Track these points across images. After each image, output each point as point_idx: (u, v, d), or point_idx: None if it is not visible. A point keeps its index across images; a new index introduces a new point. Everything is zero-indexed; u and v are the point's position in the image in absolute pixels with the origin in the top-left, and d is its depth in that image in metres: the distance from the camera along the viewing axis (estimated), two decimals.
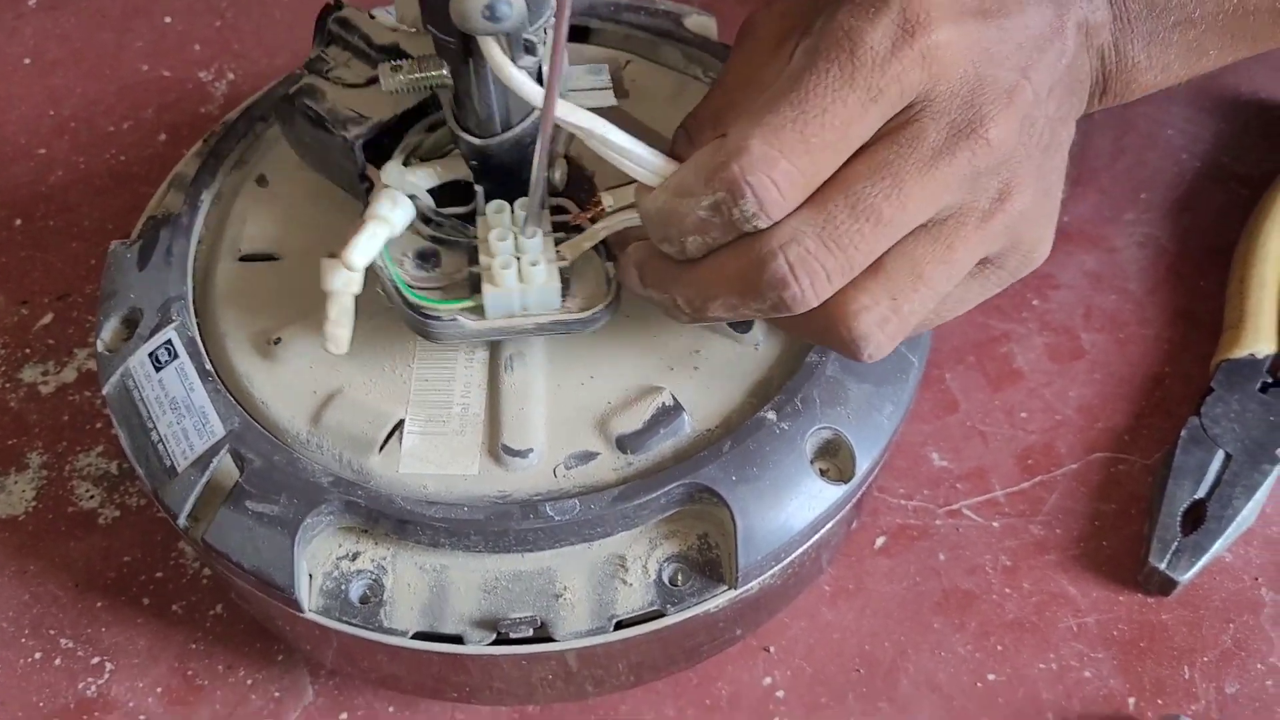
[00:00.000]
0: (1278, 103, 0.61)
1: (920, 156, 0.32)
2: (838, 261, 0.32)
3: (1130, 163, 0.59)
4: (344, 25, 0.41)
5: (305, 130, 0.40)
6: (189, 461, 0.37)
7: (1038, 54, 0.33)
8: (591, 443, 0.38)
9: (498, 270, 0.36)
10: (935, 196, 0.32)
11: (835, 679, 0.44)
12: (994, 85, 0.32)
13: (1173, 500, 0.46)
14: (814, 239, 0.32)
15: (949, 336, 0.52)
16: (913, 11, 0.31)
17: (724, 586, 0.36)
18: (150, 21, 0.67)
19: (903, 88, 0.31)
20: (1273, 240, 0.53)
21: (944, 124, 0.32)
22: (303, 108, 0.39)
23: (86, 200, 0.59)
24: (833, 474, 0.38)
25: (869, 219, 0.32)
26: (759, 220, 0.31)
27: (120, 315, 0.41)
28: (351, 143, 0.38)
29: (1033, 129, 0.33)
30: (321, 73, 0.40)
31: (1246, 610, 0.45)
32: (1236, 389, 0.49)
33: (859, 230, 0.32)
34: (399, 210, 0.36)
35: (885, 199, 0.31)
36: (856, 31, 0.31)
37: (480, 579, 0.36)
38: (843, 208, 0.32)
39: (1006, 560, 0.46)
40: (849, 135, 0.31)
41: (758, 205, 0.31)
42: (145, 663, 0.45)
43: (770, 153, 0.31)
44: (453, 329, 0.36)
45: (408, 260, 0.38)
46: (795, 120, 0.31)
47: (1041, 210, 0.35)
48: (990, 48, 0.32)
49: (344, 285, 0.35)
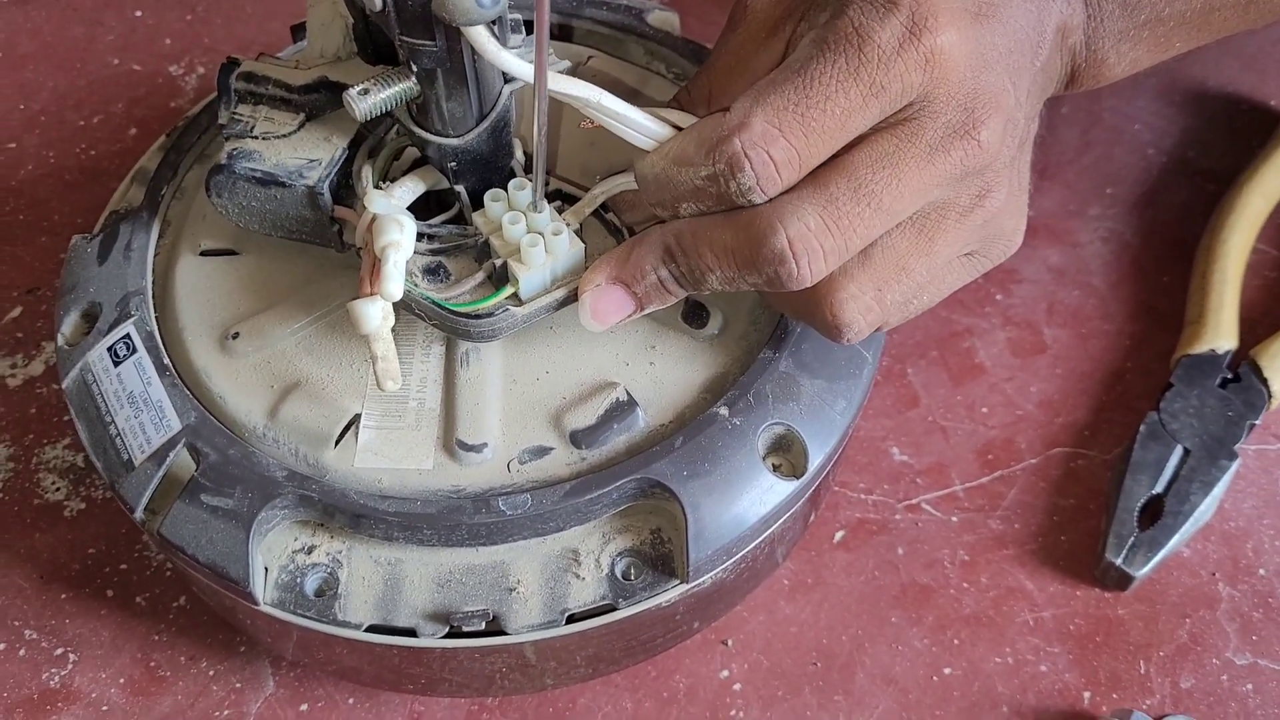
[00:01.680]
0: (1244, 98, 0.61)
1: (919, 151, 0.33)
2: (835, 243, 0.33)
3: (1096, 157, 0.59)
4: (251, 79, 0.39)
5: (253, 194, 0.38)
6: (146, 455, 0.38)
7: (1021, 57, 0.34)
8: (546, 438, 0.38)
9: (526, 249, 0.36)
10: (926, 191, 0.34)
11: (792, 672, 0.44)
12: (987, 89, 0.33)
13: (1130, 495, 0.46)
14: (816, 217, 0.33)
15: (912, 331, 0.53)
16: (920, 14, 0.32)
17: (676, 580, 0.37)
18: (121, 15, 0.67)
19: (904, 86, 0.32)
20: (1235, 236, 0.53)
21: (941, 124, 0.33)
22: (245, 172, 0.37)
23: (56, 194, 0.59)
24: (785, 469, 0.38)
25: (869, 204, 0.33)
26: (754, 195, 0.33)
27: (80, 310, 0.41)
28: (316, 189, 0.37)
29: (1014, 130, 0.35)
30: (245, 134, 0.38)
31: (1203, 605, 0.45)
32: (1196, 384, 0.49)
33: (859, 214, 0.33)
34: (405, 232, 0.36)
35: (885, 187, 0.33)
36: (865, 28, 0.32)
37: (434, 572, 0.37)
38: (845, 190, 0.33)
39: (965, 555, 0.47)
40: (848, 125, 0.32)
41: (754, 179, 0.32)
42: (108, 654, 0.45)
43: (771, 130, 0.32)
44: (505, 320, 0.36)
45: (420, 279, 0.38)
46: (798, 104, 0.32)
47: (1015, 203, 0.36)
48: (986, 52, 0.33)
49: (382, 321, 0.35)
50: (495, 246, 0.37)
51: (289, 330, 0.40)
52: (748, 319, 0.41)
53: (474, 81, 0.35)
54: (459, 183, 0.38)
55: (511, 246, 0.37)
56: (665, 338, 0.40)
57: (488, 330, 0.37)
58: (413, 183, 0.38)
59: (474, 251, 0.38)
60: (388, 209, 0.36)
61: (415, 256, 0.38)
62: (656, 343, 0.40)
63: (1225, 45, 0.63)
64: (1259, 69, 0.62)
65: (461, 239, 0.38)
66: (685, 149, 0.34)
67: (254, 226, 0.39)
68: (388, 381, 0.36)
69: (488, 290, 0.37)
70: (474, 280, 0.37)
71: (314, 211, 0.38)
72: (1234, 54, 0.63)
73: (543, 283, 0.37)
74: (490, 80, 0.36)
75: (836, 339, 0.36)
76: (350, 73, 0.38)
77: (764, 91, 0.33)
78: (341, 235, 0.39)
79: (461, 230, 0.38)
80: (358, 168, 0.38)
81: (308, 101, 0.38)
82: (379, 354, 0.35)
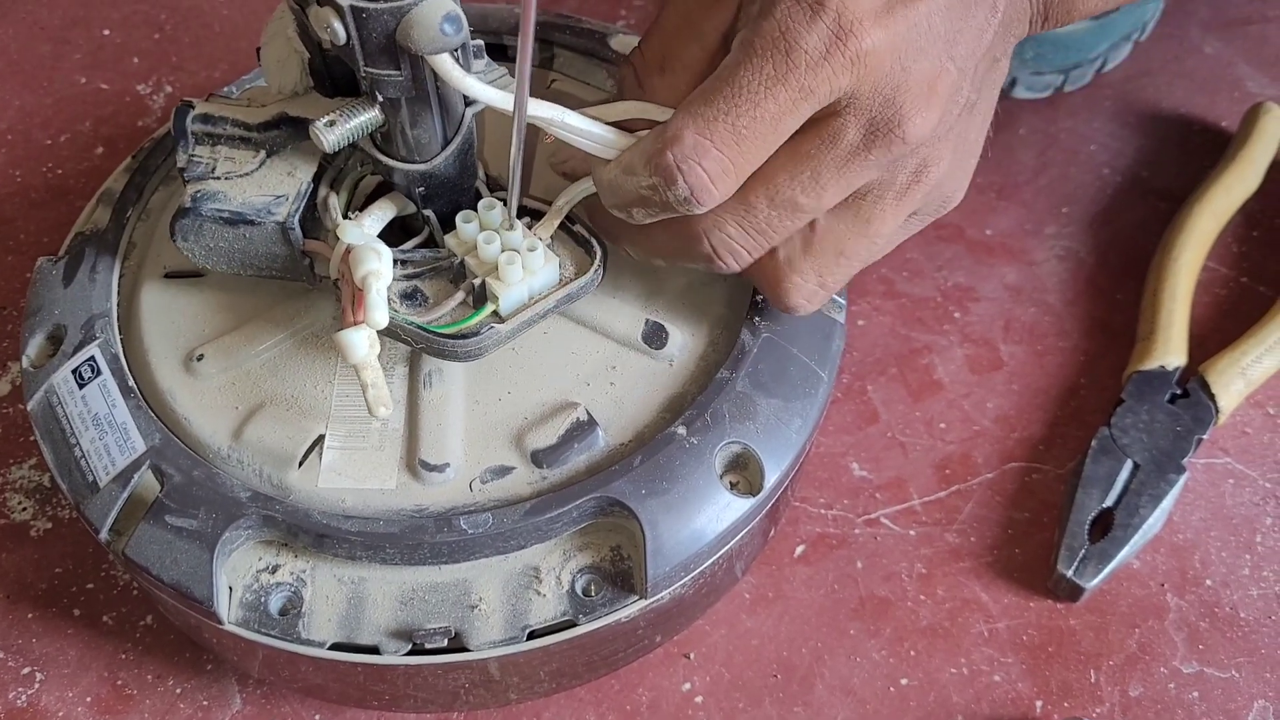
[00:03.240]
0: (1196, 119, 0.63)
1: (839, 152, 0.34)
2: (756, 243, 0.36)
3: (1053, 177, 0.60)
4: (207, 121, 0.39)
5: (220, 235, 0.38)
6: (111, 477, 0.38)
7: (964, 24, 0.34)
8: (507, 457, 0.39)
9: (504, 267, 0.37)
10: (850, 184, 0.35)
11: (753, 684, 0.45)
12: (917, 79, 0.33)
13: (1081, 509, 0.47)
14: (734, 226, 0.36)
15: (872, 349, 0.54)
16: (846, 18, 0.32)
17: (635, 596, 0.38)
18: (88, 33, 0.67)
19: (831, 88, 0.33)
20: (1186, 254, 0.54)
21: (864, 120, 0.33)
22: (212, 213, 0.37)
23: (22, 214, 0.59)
24: (742, 487, 0.39)
25: (786, 208, 0.35)
26: (692, 205, 0.34)
27: (45, 332, 0.41)
28: (287, 224, 0.37)
29: (954, 103, 0.35)
30: (206, 175, 0.38)
31: (1152, 615, 0.46)
32: (1146, 400, 0.50)
33: (776, 217, 0.35)
34: (384, 260, 0.36)
35: (802, 191, 0.34)
36: (792, 34, 0.32)
37: (397, 591, 0.37)
38: (762, 199, 0.35)
39: (922, 568, 0.48)
40: (779, 129, 0.33)
41: (689, 190, 0.33)
42: (75, 672, 0.45)
43: (702, 142, 0.33)
44: (491, 337, 0.37)
45: (398, 305, 0.38)
46: (728, 113, 0.33)
47: (960, 168, 0.37)
48: (917, 39, 0.33)
49: (370, 349, 0.35)
50: (471, 266, 0.38)
51: (253, 352, 0.40)
52: (707, 340, 0.41)
53: (438, 107, 0.36)
54: (427, 207, 0.39)
55: (488, 265, 0.37)
56: (626, 358, 0.41)
57: (474, 349, 0.37)
58: (381, 210, 0.39)
59: (449, 274, 0.39)
60: (362, 238, 0.37)
61: (391, 283, 0.38)
62: (617, 363, 0.41)
63: (1178, 68, 0.65)
64: (1210, 92, 0.64)
65: (435, 262, 0.39)
66: (632, 161, 0.35)
67: (221, 267, 0.39)
68: (380, 408, 0.36)
69: (468, 310, 0.38)
70: (453, 301, 0.38)
71: (285, 247, 0.38)
72: (1187, 77, 0.65)
73: (522, 298, 0.38)
74: (454, 104, 0.36)
75: (789, 314, 0.39)
76: (309, 107, 0.38)
77: (695, 103, 0.33)
78: (313, 268, 0.39)
79: (434, 254, 0.39)
80: (322, 199, 0.39)
81: (268, 138, 0.38)
82: (369, 381, 0.36)
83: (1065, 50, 0.60)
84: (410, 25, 0.32)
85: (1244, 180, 0.57)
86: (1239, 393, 0.50)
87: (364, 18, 0.32)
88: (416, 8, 0.32)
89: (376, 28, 0.32)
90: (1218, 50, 0.66)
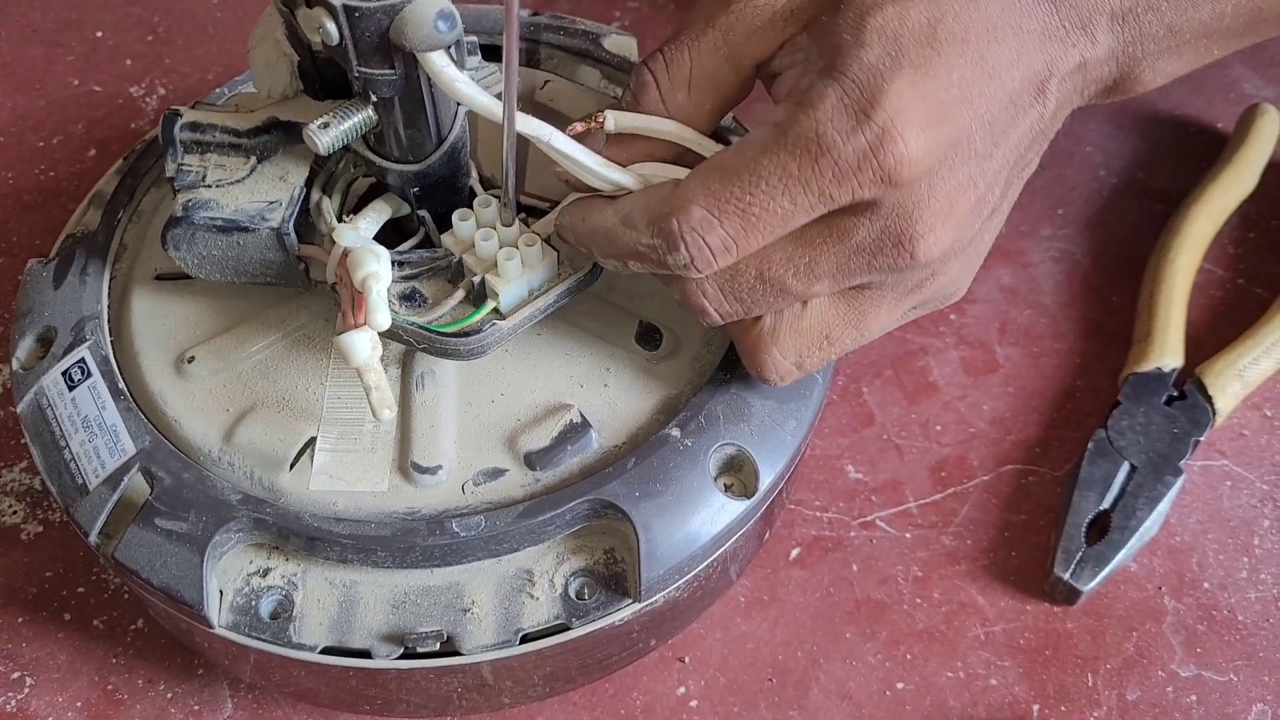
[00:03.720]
0: (1192, 121, 0.62)
1: (843, 250, 0.33)
2: (731, 309, 0.35)
3: (1049, 179, 0.60)
4: (196, 129, 0.38)
5: (213, 243, 0.38)
6: (100, 479, 0.38)
7: (1005, 135, 0.32)
8: (500, 460, 0.38)
9: (503, 264, 0.37)
10: (847, 282, 0.34)
11: (748, 688, 0.44)
12: (941, 197, 0.32)
13: (1078, 511, 0.47)
14: (714, 286, 0.35)
15: (868, 351, 0.53)
16: (892, 128, 0.30)
17: (629, 600, 0.37)
18: (81, 35, 0.67)
19: (854, 197, 0.31)
20: (1182, 256, 0.54)
21: (877, 228, 0.32)
22: (205, 222, 0.37)
23: (14, 216, 0.59)
24: (736, 489, 0.39)
25: (772, 287, 0.34)
26: (690, 272, 0.33)
27: (35, 334, 0.41)
28: (282, 230, 0.37)
29: (973, 223, 0.34)
30: (197, 184, 0.38)
31: (1149, 619, 0.46)
32: (1143, 402, 0.50)
33: (760, 291, 0.34)
34: (382, 262, 0.36)
35: (795, 276, 0.34)
36: (828, 140, 0.31)
37: (389, 594, 0.37)
38: (751, 270, 0.34)
39: (918, 571, 0.47)
40: (789, 224, 0.32)
41: (688, 259, 0.33)
42: (66, 677, 0.45)
43: (710, 219, 0.32)
44: (493, 334, 0.37)
45: (398, 306, 0.38)
46: (741, 197, 0.32)
47: (967, 268, 0.36)
48: (953, 157, 0.31)
49: (373, 352, 0.35)
50: (470, 264, 0.37)
51: (245, 354, 0.40)
52: (700, 341, 0.41)
53: (431, 106, 0.36)
54: (422, 207, 0.39)
55: (487, 263, 0.37)
56: (619, 360, 0.40)
57: (477, 347, 0.37)
58: (376, 212, 0.39)
59: (446, 273, 0.39)
60: (359, 241, 0.37)
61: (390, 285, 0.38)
62: (611, 365, 0.40)
63: None
64: (1207, 93, 0.64)
65: (433, 262, 0.39)
66: (632, 214, 0.34)
67: (215, 276, 0.39)
68: (384, 410, 0.36)
69: (469, 308, 0.38)
70: (453, 300, 0.38)
71: (280, 253, 0.38)
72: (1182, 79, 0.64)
73: (521, 294, 0.38)
74: (447, 103, 0.36)
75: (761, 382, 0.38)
76: (299, 110, 0.38)
77: (710, 177, 0.32)
78: (308, 273, 0.39)
79: (432, 254, 0.39)
80: (316, 203, 0.39)
81: (258, 144, 0.38)
82: (372, 384, 0.35)
83: None
84: (404, 22, 0.32)
85: (1240, 182, 0.57)
86: (1236, 395, 0.50)
87: (357, 16, 0.32)
88: (410, 5, 0.32)
89: (370, 26, 0.32)
90: None
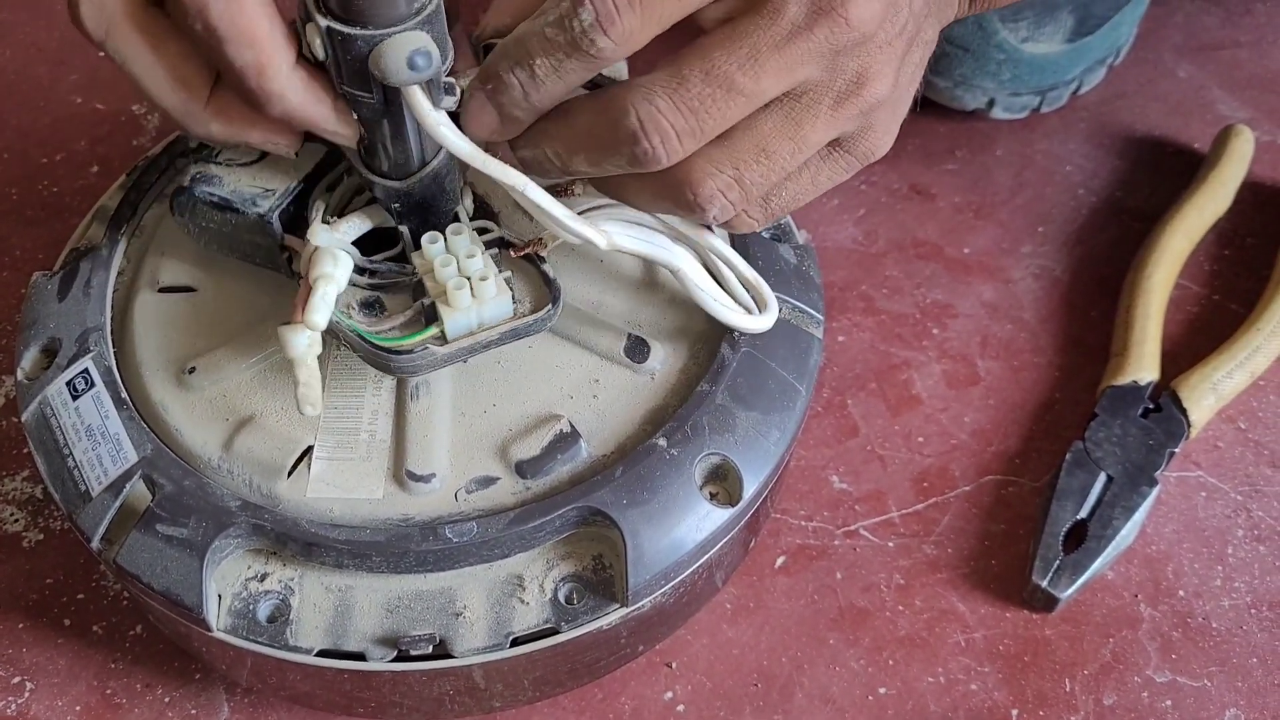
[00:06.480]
0: (1169, 141, 0.64)
1: (779, 30, 0.32)
2: (688, 124, 0.33)
3: (1029, 197, 0.62)
4: None
5: (210, 217, 0.40)
6: (103, 486, 0.39)
7: None
8: (492, 468, 0.40)
9: (452, 292, 0.38)
10: (790, 71, 0.33)
11: (734, 693, 0.45)
12: None
13: (1055, 521, 0.48)
14: (665, 99, 0.33)
15: (852, 364, 0.55)
16: None
17: (616, 604, 0.38)
18: (85, 55, 0.68)
19: None
20: (1159, 273, 0.56)
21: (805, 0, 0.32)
22: (204, 195, 0.40)
23: (18, 231, 0.60)
24: (721, 498, 0.40)
25: (722, 86, 0.33)
26: (596, 34, 0.32)
27: (40, 345, 0.42)
28: (267, 217, 0.39)
29: (897, 17, 0.34)
30: (210, 158, 0.40)
31: (1125, 625, 0.47)
32: (1119, 414, 0.51)
33: (711, 95, 0.33)
34: (340, 266, 0.38)
35: (740, 69, 0.33)
36: None
37: (384, 599, 0.38)
38: (697, 72, 0.33)
39: (900, 579, 0.48)
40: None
41: (594, 15, 0.31)
42: (65, 682, 0.46)
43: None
44: (424, 358, 0.38)
45: (355, 312, 0.39)
46: None
47: (897, 105, 0.36)
48: None
49: (307, 348, 0.36)
50: (427, 286, 0.39)
51: (244, 365, 0.41)
52: (687, 354, 0.42)
53: (414, 130, 0.37)
54: (403, 223, 0.40)
55: (440, 288, 0.38)
56: (608, 372, 0.42)
57: (407, 366, 0.38)
58: (359, 219, 0.40)
59: (411, 290, 0.40)
60: (329, 242, 0.38)
61: (355, 290, 0.40)
62: (600, 376, 0.42)
63: (1152, 92, 0.66)
64: (1184, 113, 0.65)
65: (400, 276, 0.40)
66: None
67: (213, 247, 0.41)
68: (306, 406, 0.37)
69: (415, 328, 0.39)
70: (404, 317, 0.39)
71: (265, 238, 0.40)
72: (1160, 100, 0.66)
73: (468, 325, 0.38)
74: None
75: (702, 219, 0.36)
76: None
77: None
78: (291, 263, 0.40)
79: (400, 268, 0.40)
80: (313, 200, 0.40)
81: None
82: (301, 379, 0.37)
83: (1041, 72, 0.61)
84: (380, 54, 0.33)
85: (1216, 200, 0.58)
86: (1210, 407, 0.52)
87: (339, 40, 0.33)
88: (388, 39, 0.33)
89: (350, 50, 0.33)
90: (1190, 74, 0.67)
